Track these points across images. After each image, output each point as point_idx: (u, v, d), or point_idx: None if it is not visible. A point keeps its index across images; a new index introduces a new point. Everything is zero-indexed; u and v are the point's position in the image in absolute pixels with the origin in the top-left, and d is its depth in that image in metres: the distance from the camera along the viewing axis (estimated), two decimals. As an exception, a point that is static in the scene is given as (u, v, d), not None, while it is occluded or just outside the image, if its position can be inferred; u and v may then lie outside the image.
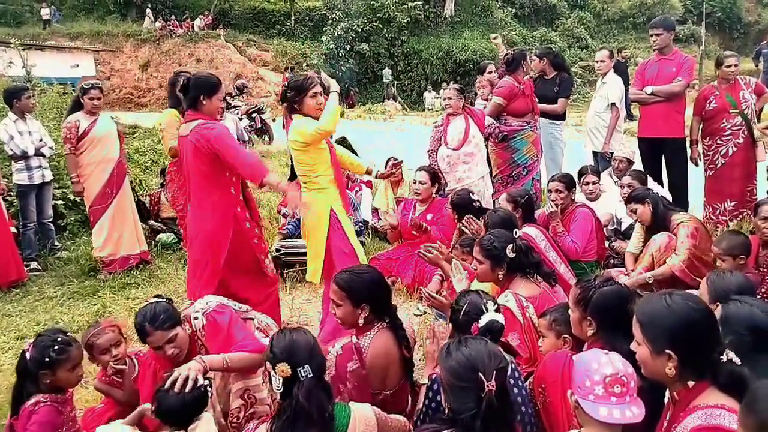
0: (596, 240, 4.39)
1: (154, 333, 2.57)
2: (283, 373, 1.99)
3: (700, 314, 1.76)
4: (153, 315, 2.58)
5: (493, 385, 1.73)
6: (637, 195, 4.02)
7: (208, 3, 29.38)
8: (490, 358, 1.80)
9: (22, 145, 5.66)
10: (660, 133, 5.48)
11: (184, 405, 2.20)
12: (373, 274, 2.63)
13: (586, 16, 33.02)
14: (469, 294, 2.45)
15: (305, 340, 2.11)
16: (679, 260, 3.60)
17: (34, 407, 2.38)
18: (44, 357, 2.40)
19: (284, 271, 5.11)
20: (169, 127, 4.20)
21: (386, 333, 2.52)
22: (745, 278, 2.56)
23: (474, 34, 29.08)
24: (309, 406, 1.97)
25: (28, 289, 5.34)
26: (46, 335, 2.50)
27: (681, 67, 5.32)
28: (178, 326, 2.66)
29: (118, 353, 2.88)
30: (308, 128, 3.40)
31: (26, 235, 5.87)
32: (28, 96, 5.89)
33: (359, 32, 26.98)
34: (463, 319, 2.34)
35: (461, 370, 1.78)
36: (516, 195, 4.32)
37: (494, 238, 3.06)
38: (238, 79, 19.82)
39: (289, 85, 3.59)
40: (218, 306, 2.80)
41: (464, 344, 1.86)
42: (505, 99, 5.41)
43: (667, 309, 1.76)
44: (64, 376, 2.46)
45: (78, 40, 24.39)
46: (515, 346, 2.83)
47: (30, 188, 5.82)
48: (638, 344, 1.82)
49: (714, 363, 1.71)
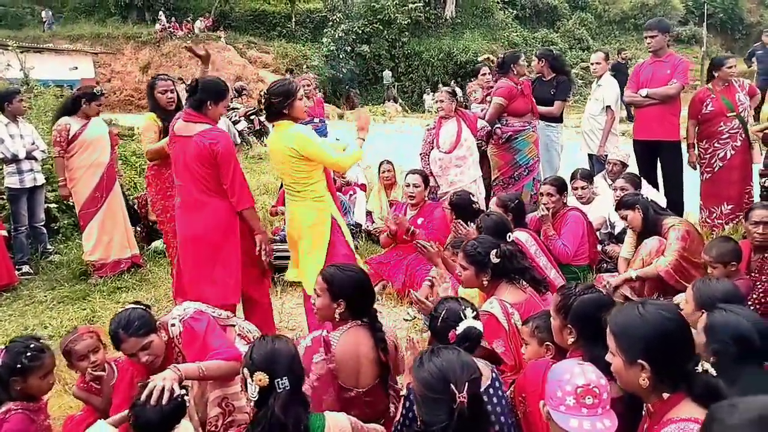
0: (588, 244, 4.34)
1: (127, 340, 2.53)
2: (260, 383, 1.96)
3: (673, 324, 1.72)
4: (127, 322, 2.54)
5: (465, 397, 1.69)
6: (627, 201, 3.97)
7: (209, 5, 29.40)
8: (463, 369, 1.76)
9: (13, 148, 5.62)
10: (655, 136, 5.43)
11: (162, 417, 2.15)
12: (359, 275, 2.61)
13: (587, 18, 32.99)
14: (448, 301, 2.41)
15: (287, 351, 2.07)
16: (666, 262, 3.56)
17: (5, 415, 2.35)
18: (16, 363, 2.37)
19: (275, 275, 5.07)
20: (146, 131, 4.18)
21: (360, 330, 2.49)
22: (733, 286, 2.51)
23: (475, 35, 29.09)
24: (285, 419, 1.94)
25: (18, 293, 5.31)
26: (18, 341, 2.48)
27: (675, 69, 5.28)
28: (153, 333, 2.61)
29: (97, 359, 2.85)
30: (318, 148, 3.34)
31: (18, 239, 5.83)
32: (20, 99, 5.86)
33: (360, 34, 26.99)
34: (441, 326, 2.30)
35: (433, 381, 1.74)
36: (506, 199, 4.29)
37: (478, 244, 3.02)
38: (238, 81, 19.80)
39: (274, 92, 3.39)
40: (195, 313, 2.77)
41: (436, 354, 1.82)
42: (505, 99, 5.36)
43: (640, 318, 1.73)
44: (35, 384, 2.43)
45: (78, 42, 24.43)
46: (500, 353, 2.79)
47: (21, 192, 5.78)
48: (612, 355, 1.78)
49: (688, 374, 1.67)
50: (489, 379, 2.22)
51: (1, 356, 2.42)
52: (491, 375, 2.25)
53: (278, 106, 3.37)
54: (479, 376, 1.82)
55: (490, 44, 27.86)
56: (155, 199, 4.31)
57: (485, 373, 2.23)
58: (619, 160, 5.18)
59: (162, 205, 4.30)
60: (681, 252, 3.55)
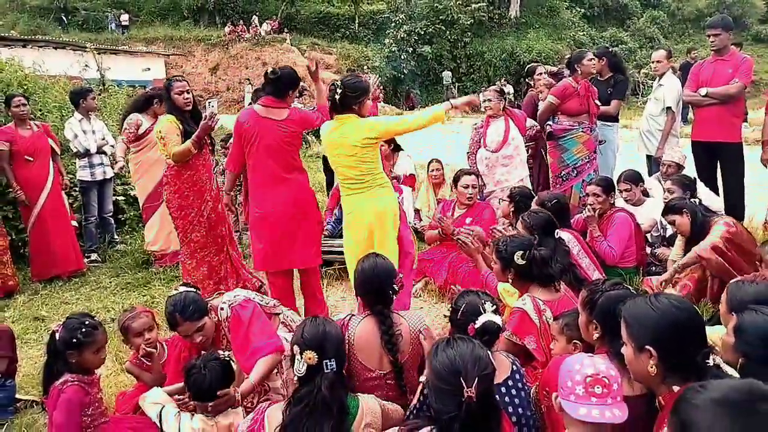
0: (635, 246, 4.24)
1: (183, 323, 2.75)
2: (310, 361, 2.08)
3: (682, 312, 1.74)
4: (183, 306, 2.74)
5: (473, 392, 1.70)
6: (674, 206, 3.88)
7: (276, 8, 30.20)
8: (475, 363, 1.76)
9: (85, 143, 6.05)
10: (714, 137, 5.23)
11: (212, 380, 2.45)
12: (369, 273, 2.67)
13: (660, 16, 31.81)
14: (469, 294, 2.43)
15: (336, 334, 2.21)
16: (706, 243, 3.52)
17: (62, 386, 2.55)
18: (72, 338, 2.56)
19: (322, 268, 5.21)
20: (169, 133, 4.26)
21: (372, 320, 2.61)
22: (766, 288, 2.42)
23: (539, 35, 28.56)
24: (330, 399, 2.05)
25: (86, 278, 5.69)
26: (74, 318, 2.68)
27: (738, 68, 5.06)
28: (206, 316, 2.82)
29: (150, 338, 3.06)
30: (391, 121, 3.52)
31: (88, 229, 6.26)
32: (93, 97, 6.31)
33: (422, 35, 27.02)
34: (460, 319, 2.33)
35: (444, 371, 1.77)
36: (545, 198, 4.18)
37: (508, 242, 3.03)
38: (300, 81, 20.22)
39: (351, 86, 3.41)
40: (244, 300, 2.91)
41: (452, 346, 1.84)
42: (557, 98, 5.30)
43: (650, 306, 1.77)
44: (89, 358, 2.62)
45: (153, 44, 25.67)
46: (531, 349, 2.80)
47: (92, 184, 6.21)
48: (624, 344, 1.81)
49: (699, 366, 1.66)
50: (509, 371, 2.24)
51: (59, 331, 2.62)
52: (512, 368, 2.27)
53: (350, 101, 3.42)
54: (492, 371, 1.81)
55: (555, 44, 27.32)
56: (171, 198, 4.40)
57: (505, 366, 2.26)
58: (674, 162, 5.00)
59: (178, 203, 4.40)
60: (726, 235, 3.49)
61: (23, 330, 4.49)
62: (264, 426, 2.13)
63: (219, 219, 4.53)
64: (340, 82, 3.45)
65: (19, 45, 15.82)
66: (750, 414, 1.17)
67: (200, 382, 2.47)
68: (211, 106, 4.30)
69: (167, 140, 4.23)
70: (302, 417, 2.04)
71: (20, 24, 27.59)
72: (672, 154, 5.07)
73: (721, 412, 1.19)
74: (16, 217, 5.88)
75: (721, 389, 1.23)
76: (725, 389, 1.23)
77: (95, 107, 6.41)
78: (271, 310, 3.16)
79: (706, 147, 5.35)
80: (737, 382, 1.27)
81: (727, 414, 1.18)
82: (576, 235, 3.99)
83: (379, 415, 2.21)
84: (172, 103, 4.41)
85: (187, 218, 4.38)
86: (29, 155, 5.51)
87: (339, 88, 3.40)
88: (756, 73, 27.47)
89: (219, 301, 2.97)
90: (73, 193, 6.48)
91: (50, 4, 29.88)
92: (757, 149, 10.58)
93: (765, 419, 1.16)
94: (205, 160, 4.48)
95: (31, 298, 5.21)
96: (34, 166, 5.54)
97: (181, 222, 4.41)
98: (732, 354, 2.06)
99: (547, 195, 4.23)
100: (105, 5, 30.47)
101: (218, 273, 4.55)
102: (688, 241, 3.87)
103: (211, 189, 4.50)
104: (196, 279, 4.43)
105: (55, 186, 5.69)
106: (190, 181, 4.37)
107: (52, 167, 5.72)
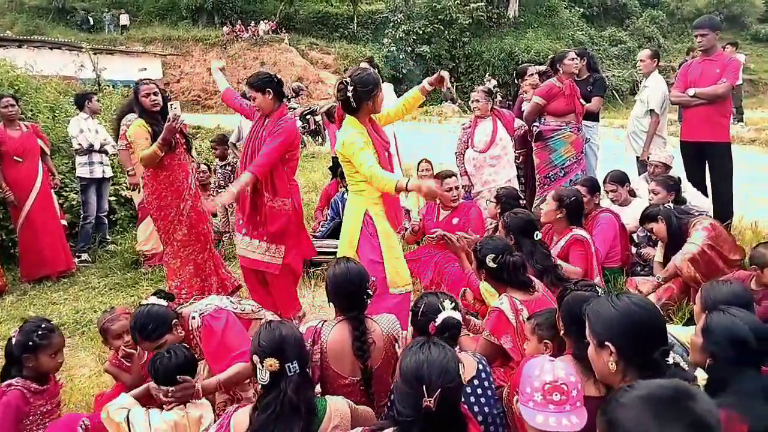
0: (620, 246, 4.25)
1: (143, 342, 2.72)
2: (272, 368, 2.04)
3: (641, 309, 1.77)
4: (142, 324, 2.67)
5: (432, 402, 1.68)
6: (648, 214, 3.92)
7: (274, 8, 30.21)
8: (440, 374, 1.73)
9: (90, 138, 6.15)
10: (703, 137, 5.21)
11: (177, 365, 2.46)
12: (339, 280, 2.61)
13: (659, 15, 31.82)
14: (428, 295, 2.45)
15: (293, 335, 2.15)
16: (685, 254, 3.54)
17: (6, 388, 2.55)
18: (28, 341, 2.57)
19: (310, 269, 5.23)
20: (138, 138, 4.23)
21: (346, 325, 2.55)
22: (741, 288, 2.42)
23: (538, 34, 28.57)
24: (297, 401, 2.03)
25: (75, 279, 5.70)
26: (31, 322, 2.69)
27: (725, 68, 5.04)
28: (168, 334, 2.72)
29: (129, 340, 3.03)
30: (357, 156, 3.21)
31: (84, 228, 6.30)
32: (97, 99, 6.40)
33: (420, 34, 27.03)
34: (421, 319, 2.34)
35: (409, 375, 1.76)
36: (564, 194, 4.05)
37: (483, 245, 3.03)
38: (296, 81, 20.25)
39: (360, 81, 3.22)
40: (215, 311, 2.85)
41: (423, 350, 1.82)
42: (543, 98, 5.30)
43: (611, 304, 1.81)
44: (45, 361, 2.62)
45: (151, 44, 25.69)
46: (508, 349, 2.80)
47: (91, 182, 6.27)
48: (588, 343, 1.82)
49: (657, 364, 1.68)
50: (475, 371, 2.24)
51: (15, 335, 2.63)
52: (477, 367, 2.27)
53: (363, 96, 3.24)
54: (457, 385, 1.79)
55: (554, 43, 27.29)
56: (150, 200, 4.41)
57: (471, 365, 2.26)
58: (661, 162, 4.99)
59: (157, 204, 4.40)
60: (706, 242, 3.50)
61: (10, 331, 4.48)
62: (230, 431, 2.11)
63: (199, 217, 4.54)
64: (349, 79, 3.25)
65: (14, 45, 15.83)
66: (673, 411, 1.18)
67: (165, 363, 2.45)
68: (173, 108, 4.22)
69: (135, 145, 4.25)
70: (269, 423, 2.02)
71: (19, 24, 27.65)
72: (659, 155, 5.07)
73: (646, 409, 1.19)
74: (6, 217, 5.89)
75: (649, 387, 1.25)
76: (652, 387, 1.24)
77: (98, 109, 6.51)
78: (249, 316, 3.12)
79: (694, 147, 5.33)
80: (665, 381, 1.28)
81: (651, 411, 1.18)
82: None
83: (348, 417, 2.19)
84: (140, 107, 4.38)
85: (167, 218, 4.39)
86: (18, 156, 5.52)
87: (350, 86, 3.21)
88: (755, 73, 27.47)
89: (191, 309, 2.90)
90: (63, 192, 6.49)
91: (49, 4, 29.92)
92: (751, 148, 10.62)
93: (687, 416, 1.16)
94: (180, 160, 4.46)
95: (20, 299, 5.22)
96: (23, 166, 5.55)
97: (162, 223, 4.42)
98: (700, 354, 2.06)
99: (566, 191, 4.11)
100: (103, 5, 30.50)
101: (204, 270, 4.56)
102: (668, 245, 3.89)
103: (189, 188, 4.49)
104: (183, 278, 4.44)
105: (44, 186, 5.70)
106: (167, 181, 4.36)
107: (42, 167, 5.73)
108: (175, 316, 2.81)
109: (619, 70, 27.65)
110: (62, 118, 7.44)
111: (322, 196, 6.81)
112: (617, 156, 7.20)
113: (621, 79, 26.79)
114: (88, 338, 4.29)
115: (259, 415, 2.05)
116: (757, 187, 7.14)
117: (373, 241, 3.40)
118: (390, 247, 3.42)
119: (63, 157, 6.91)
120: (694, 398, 1.21)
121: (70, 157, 6.64)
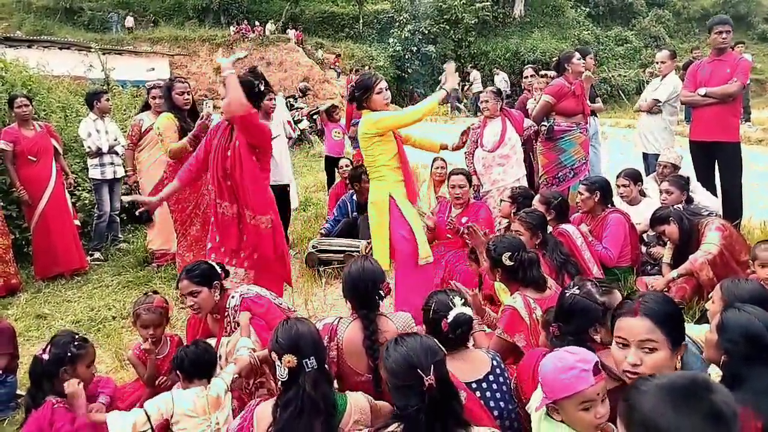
0: (630, 246, 4.27)
1: (183, 281, 2.91)
2: (290, 364, 2.08)
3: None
4: (191, 268, 2.96)
5: (432, 379, 1.75)
6: (659, 216, 3.94)
7: (280, 8, 30.27)
8: (426, 353, 1.82)
9: (98, 142, 6.20)
10: (713, 137, 5.23)
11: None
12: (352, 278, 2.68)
13: (665, 15, 31.75)
14: (437, 294, 2.49)
15: (309, 332, 2.19)
16: (702, 254, 3.57)
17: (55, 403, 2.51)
18: (66, 352, 2.56)
19: (320, 268, 5.28)
20: (167, 130, 4.39)
21: (359, 323, 2.61)
22: (761, 287, 2.44)
23: (544, 34, 28.55)
24: (316, 396, 2.07)
25: (89, 277, 5.76)
26: (62, 336, 2.68)
27: (735, 68, 5.06)
28: (206, 287, 2.90)
29: (155, 334, 3.15)
30: (388, 116, 3.70)
31: (99, 227, 6.39)
32: (107, 98, 6.43)
33: (426, 34, 27.05)
34: (433, 317, 2.38)
35: (399, 369, 1.81)
36: (549, 196, 4.25)
37: (497, 243, 3.06)
38: (303, 81, 20.31)
39: (356, 85, 3.84)
40: (256, 296, 2.98)
41: (400, 343, 1.88)
42: (553, 97, 5.33)
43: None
44: (82, 372, 2.60)
45: (158, 44, 25.76)
46: (521, 347, 2.84)
47: (102, 183, 6.34)
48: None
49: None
50: (489, 367, 2.28)
51: (46, 351, 2.57)
52: (491, 363, 2.31)
53: (359, 99, 3.81)
54: (443, 357, 1.87)
55: (560, 43, 27.28)
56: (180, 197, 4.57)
57: (485, 362, 2.30)
58: (669, 162, 5.01)
59: (176, 197, 4.52)
60: (722, 242, 3.54)
61: (26, 327, 4.56)
62: (253, 424, 2.15)
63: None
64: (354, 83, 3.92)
65: (24, 45, 15.92)
66: (691, 400, 1.21)
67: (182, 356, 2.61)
68: (207, 106, 4.45)
69: (165, 137, 4.37)
70: (291, 420, 2.05)
71: (26, 24, 27.75)
72: (668, 155, 5.09)
73: (664, 398, 1.23)
74: (20, 216, 5.96)
75: (669, 377, 1.29)
76: (672, 377, 1.29)
77: (109, 108, 6.53)
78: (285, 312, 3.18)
79: (704, 146, 5.35)
80: (685, 372, 1.33)
81: (670, 399, 1.22)
82: (579, 229, 4.04)
83: (368, 412, 2.23)
84: (172, 102, 4.55)
85: (185, 212, 4.49)
86: (32, 155, 5.59)
87: (354, 88, 3.87)
88: (762, 72, 27.36)
89: (233, 288, 3.05)
90: (76, 192, 6.56)
91: (56, 4, 30.04)
92: (759, 149, 10.59)
93: (704, 406, 1.20)
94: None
95: (34, 296, 5.28)
96: (36, 165, 5.62)
97: (179, 215, 4.52)
98: (715, 351, 2.09)
99: (550, 193, 4.32)
100: (110, 5, 30.61)
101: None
102: (677, 246, 3.91)
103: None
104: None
105: (57, 185, 5.77)
106: None
107: (55, 167, 5.79)
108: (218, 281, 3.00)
109: (625, 69, 27.61)
110: (74, 117, 7.50)
111: (331, 197, 6.86)
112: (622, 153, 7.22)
113: (627, 78, 26.74)
114: (104, 335, 4.34)
115: (281, 413, 2.08)
116: (766, 187, 7.15)
117: (401, 219, 3.80)
118: (416, 222, 3.85)
119: (75, 157, 6.97)
120: (712, 390, 1.24)
121: (83, 156, 6.70)
